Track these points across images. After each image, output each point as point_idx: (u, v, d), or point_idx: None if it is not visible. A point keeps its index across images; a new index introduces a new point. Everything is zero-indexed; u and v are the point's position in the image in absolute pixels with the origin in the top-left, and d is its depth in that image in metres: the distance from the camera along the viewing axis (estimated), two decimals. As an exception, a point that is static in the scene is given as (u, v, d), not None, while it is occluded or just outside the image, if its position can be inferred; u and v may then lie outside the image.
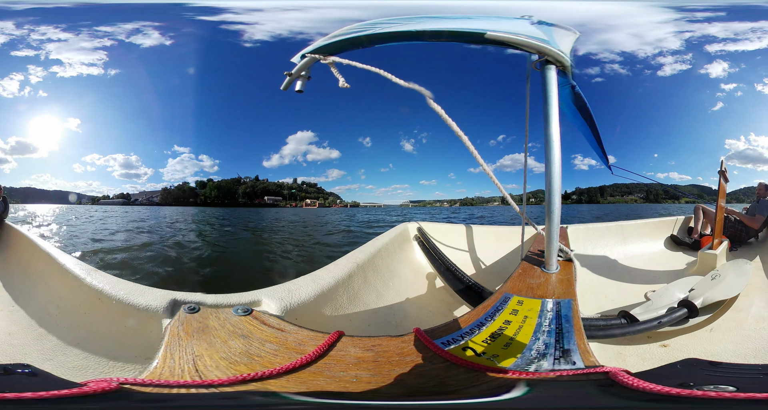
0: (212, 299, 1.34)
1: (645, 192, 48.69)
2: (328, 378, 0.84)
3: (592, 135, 2.38)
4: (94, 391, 0.69)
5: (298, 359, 0.89)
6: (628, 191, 49.27)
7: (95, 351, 1.36)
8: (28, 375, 0.80)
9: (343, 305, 1.74)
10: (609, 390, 0.73)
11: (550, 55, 1.47)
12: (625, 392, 0.70)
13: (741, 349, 1.74)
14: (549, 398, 0.76)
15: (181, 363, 0.89)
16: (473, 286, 2.18)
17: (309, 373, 0.86)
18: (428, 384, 0.81)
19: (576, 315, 1.10)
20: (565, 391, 0.77)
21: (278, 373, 0.84)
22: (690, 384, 0.70)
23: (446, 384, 0.80)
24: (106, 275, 1.56)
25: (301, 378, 0.84)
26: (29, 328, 1.61)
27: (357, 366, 0.89)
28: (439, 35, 1.49)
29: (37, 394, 0.65)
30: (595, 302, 2.52)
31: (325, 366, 0.89)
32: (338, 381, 0.83)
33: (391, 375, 0.85)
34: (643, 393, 0.68)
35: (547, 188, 1.51)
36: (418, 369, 0.87)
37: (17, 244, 2.76)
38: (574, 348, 0.92)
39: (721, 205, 3.10)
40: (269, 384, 0.81)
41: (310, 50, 1.66)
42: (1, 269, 2.48)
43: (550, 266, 1.55)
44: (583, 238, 3.46)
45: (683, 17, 29.53)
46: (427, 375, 0.85)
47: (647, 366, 1.06)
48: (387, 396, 0.79)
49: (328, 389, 0.80)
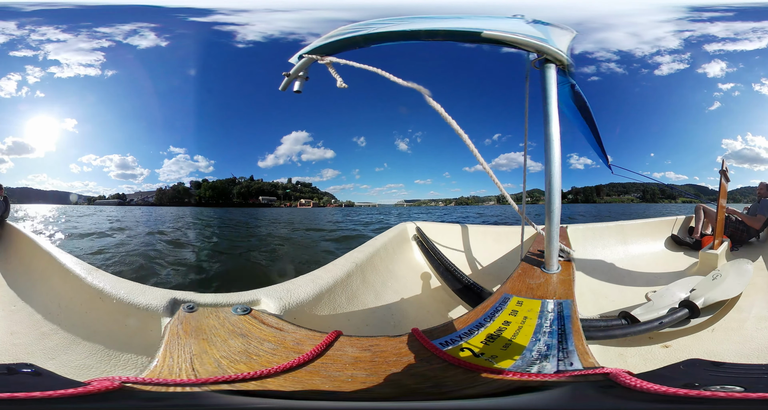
0: (211, 298, 1.35)
1: (642, 192, 48.74)
2: (324, 377, 0.84)
3: (591, 134, 2.37)
4: (98, 390, 0.70)
5: (295, 358, 0.89)
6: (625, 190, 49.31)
7: (97, 350, 1.37)
8: (32, 374, 0.81)
9: (341, 304, 1.74)
10: (610, 391, 0.72)
11: (549, 54, 1.47)
12: (628, 393, 0.69)
13: (743, 349, 1.73)
14: (548, 400, 0.75)
15: (179, 361, 0.89)
16: (472, 286, 2.17)
17: (306, 373, 0.86)
18: (424, 385, 0.81)
19: (575, 316, 1.09)
20: (563, 393, 0.76)
21: (275, 372, 0.84)
22: (695, 384, 0.69)
23: (442, 385, 0.80)
24: (106, 275, 1.57)
25: (298, 378, 0.84)
26: (32, 327, 1.61)
27: (354, 365, 0.88)
28: (435, 34, 1.49)
29: (45, 393, 0.66)
30: (595, 303, 2.50)
31: (323, 365, 0.89)
32: (334, 381, 0.83)
33: (387, 375, 0.85)
34: (647, 394, 0.67)
35: (546, 188, 1.51)
36: (415, 370, 0.86)
37: (18, 243, 2.77)
38: (573, 349, 0.91)
39: (722, 205, 3.09)
40: (267, 383, 0.81)
41: (307, 51, 1.66)
42: (3, 269, 2.48)
43: (551, 267, 1.54)
44: (582, 238, 3.45)
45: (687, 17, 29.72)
46: (423, 375, 0.84)
47: (649, 367, 1.04)
48: (381, 397, 0.78)
49: (324, 388, 0.80)
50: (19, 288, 2.09)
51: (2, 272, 2.39)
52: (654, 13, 27.86)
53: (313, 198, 56.42)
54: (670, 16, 29.08)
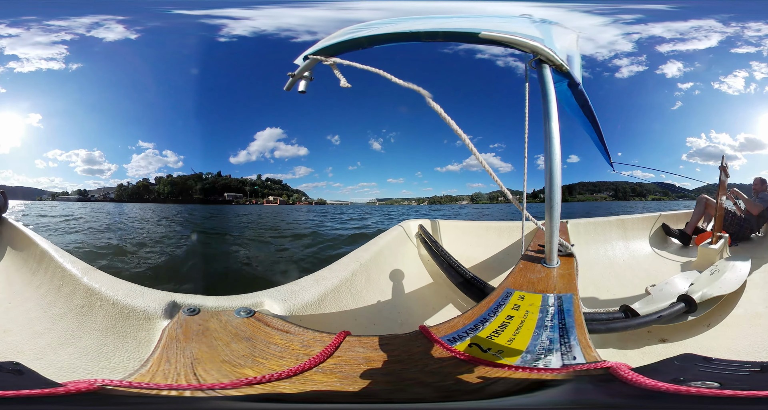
0: (213, 301, 1.33)
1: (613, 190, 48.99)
2: (342, 378, 0.83)
3: (594, 133, 2.39)
4: (70, 391, 0.70)
5: (306, 361, 0.87)
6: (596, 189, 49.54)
7: (88, 352, 1.33)
8: (14, 372, 0.80)
9: (347, 304, 1.74)
10: (609, 386, 0.73)
11: (543, 55, 1.49)
12: (623, 387, 0.71)
13: (735, 345, 1.75)
14: (556, 395, 0.76)
15: (178, 366, 0.87)
16: (475, 282, 2.18)
17: (321, 374, 0.85)
18: (446, 383, 0.81)
19: (577, 310, 1.10)
20: (567, 389, 0.77)
21: (287, 375, 0.82)
22: (681, 379, 0.70)
23: (462, 382, 0.80)
24: (104, 275, 1.54)
25: (313, 380, 0.82)
26: (25, 326, 1.57)
27: (369, 365, 0.88)
28: (435, 35, 1.51)
29: (19, 393, 0.66)
30: (596, 297, 2.54)
31: (337, 367, 0.87)
32: (352, 382, 0.81)
33: (404, 374, 0.84)
34: (639, 389, 0.69)
35: (547, 184, 1.53)
36: (430, 367, 0.87)
37: (15, 240, 2.69)
38: (576, 343, 0.92)
39: (721, 201, 3.12)
40: (278, 386, 0.80)
41: (313, 52, 1.67)
42: (1, 266, 2.44)
43: (551, 261, 1.57)
44: (584, 232, 3.48)
45: (616, 20, 29.55)
46: (439, 373, 0.84)
47: (647, 360, 1.07)
48: (412, 398, 0.78)
49: (346, 390, 0.79)
50: (15, 286, 2.05)
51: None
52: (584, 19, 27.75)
53: (282, 195, 55.32)
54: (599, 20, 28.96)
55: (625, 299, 2.21)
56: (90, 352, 1.32)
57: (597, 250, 3.40)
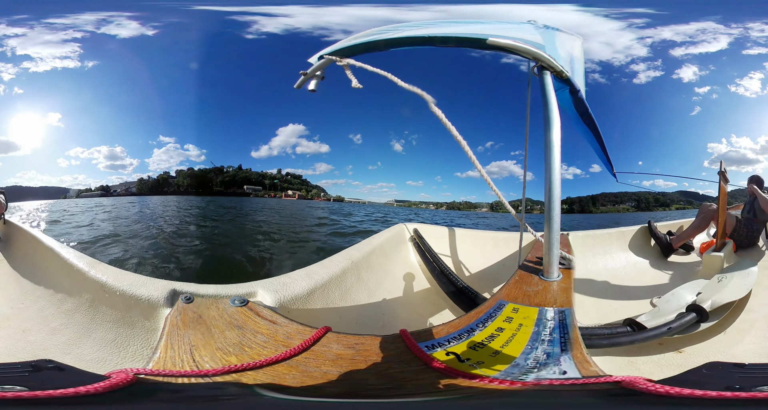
0: (211, 289, 1.37)
1: (635, 201, 48.85)
2: (300, 372, 0.85)
3: (596, 142, 2.34)
4: (117, 384, 0.72)
5: (282, 352, 0.90)
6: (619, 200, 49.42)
7: (106, 343, 1.39)
8: (56, 370, 0.82)
9: (334, 301, 1.75)
10: (627, 399, 0.71)
11: (543, 61, 1.49)
12: (654, 399, 0.68)
13: (761, 348, 1.71)
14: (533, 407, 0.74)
15: (180, 353, 0.91)
16: (467, 291, 2.15)
17: (285, 367, 0.87)
18: (385, 386, 0.81)
19: (574, 324, 1.07)
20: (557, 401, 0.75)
21: (256, 366, 0.86)
22: (726, 387, 0.67)
23: (402, 388, 0.80)
24: (108, 267, 1.59)
25: (276, 372, 0.85)
26: (42, 324, 1.62)
27: (333, 362, 0.90)
28: (447, 41, 1.53)
29: (73, 390, 0.67)
30: (598, 311, 2.46)
31: (304, 361, 0.90)
32: (306, 376, 0.84)
33: (358, 374, 0.85)
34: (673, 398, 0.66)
35: (546, 194, 1.50)
36: (391, 370, 0.86)
37: (22, 240, 2.76)
38: (570, 357, 0.89)
39: (722, 208, 3.05)
40: (245, 375, 0.83)
41: (329, 52, 1.68)
42: (9, 267, 2.47)
43: (550, 274, 1.51)
44: (582, 245, 3.40)
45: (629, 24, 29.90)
46: (393, 376, 0.84)
47: (666, 373, 1.02)
48: (331, 394, 0.80)
49: (291, 384, 0.81)
50: (26, 285, 2.10)
51: (8, 270, 2.38)
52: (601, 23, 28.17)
53: (301, 190, 56.02)
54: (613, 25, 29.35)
55: (628, 313, 2.14)
56: (108, 343, 1.38)
57: (596, 263, 3.32)
